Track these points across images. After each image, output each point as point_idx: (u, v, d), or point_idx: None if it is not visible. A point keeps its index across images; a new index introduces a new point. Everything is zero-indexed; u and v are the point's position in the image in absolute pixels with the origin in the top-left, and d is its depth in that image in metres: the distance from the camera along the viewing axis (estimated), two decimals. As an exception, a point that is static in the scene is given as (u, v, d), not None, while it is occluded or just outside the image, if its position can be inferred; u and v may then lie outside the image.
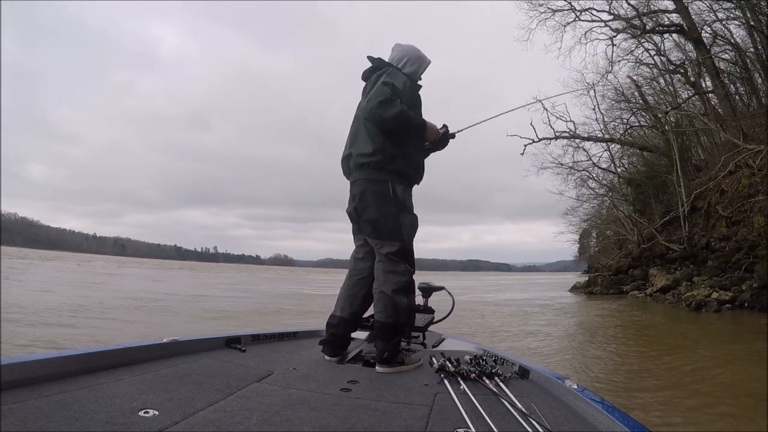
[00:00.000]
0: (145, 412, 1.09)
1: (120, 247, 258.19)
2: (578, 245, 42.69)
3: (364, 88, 2.04)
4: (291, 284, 24.74)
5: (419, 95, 2.02)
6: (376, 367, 1.77)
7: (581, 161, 19.56)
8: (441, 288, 2.50)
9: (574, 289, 19.19)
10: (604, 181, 20.53)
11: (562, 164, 19.43)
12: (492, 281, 38.52)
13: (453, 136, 2.11)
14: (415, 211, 1.98)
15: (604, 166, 20.06)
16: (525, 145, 18.16)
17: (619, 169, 20.22)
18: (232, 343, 1.93)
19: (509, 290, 22.76)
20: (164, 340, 1.67)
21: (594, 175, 20.20)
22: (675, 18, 17.69)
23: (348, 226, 2.08)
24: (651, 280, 14.04)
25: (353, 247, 2.09)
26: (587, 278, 20.44)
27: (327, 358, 1.90)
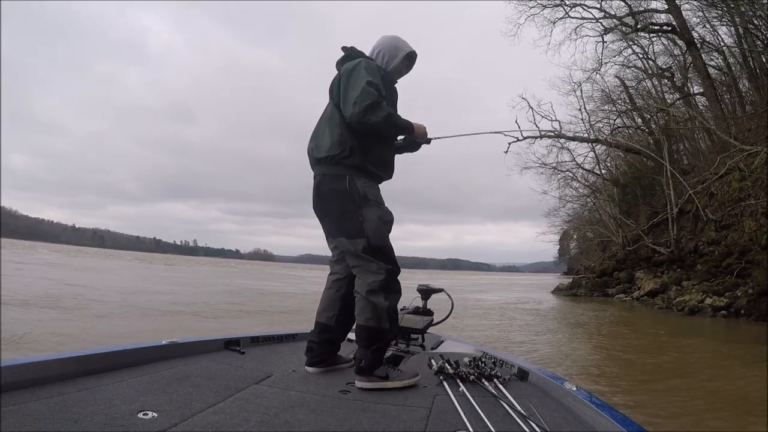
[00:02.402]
0: (144, 414, 1.09)
1: (99, 239, 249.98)
2: (558, 247, 43.03)
3: (334, 78, 1.86)
4: (247, 279, 23.05)
5: (395, 89, 1.90)
6: (355, 381, 1.57)
7: (565, 162, 19.27)
8: (440, 290, 2.37)
9: (557, 291, 18.83)
10: (587, 183, 20.34)
11: (545, 164, 19.14)
12: (472, 281, 38.16)
13: (428, 141, 1.98)
14: (385, 206, 1.78)
15: (589, 166, 19.86)
16: (509, 143, 17.74)
17: (603, 171, 20.00)
18: (231, 345, 1.91)
19: (491, 290, 22.26)
20: (163, 342, 1.65)
21: (578, 176, 19.99)
22: (664, 18, 17.59)
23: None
24: (637, 284, 13.70)
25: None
26: (570, 280, 20.13)
27: (305, 368, 1.74)
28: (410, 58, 1.95)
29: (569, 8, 18.22)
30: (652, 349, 6.22)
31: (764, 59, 15.87)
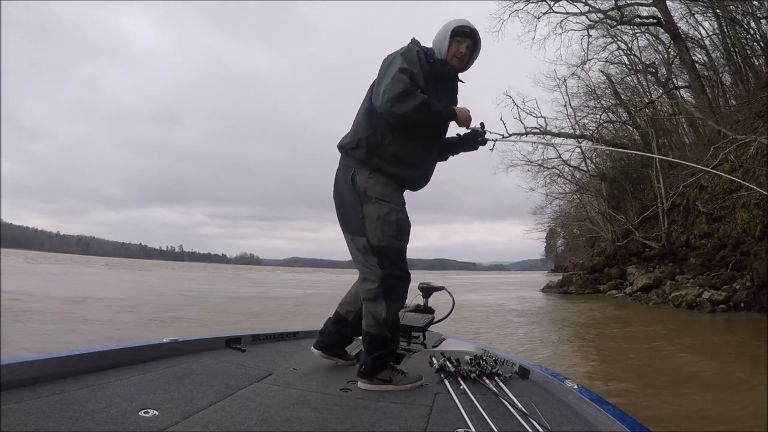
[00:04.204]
0: (145, 412, 1.09)
1: (84, 246, 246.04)
2: (545, 244, 43.13)
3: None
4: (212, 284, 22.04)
5: (455, 80, 1.78)
6: (358, 383, 1.56)
7: (551, 158, 19.01)
8: (441, 288, 2.39)
9: (547, 288, 18.52)
10: (573, 179, 20.12)
11: (531, 162, 18.86)
12: (460, 280, 37.81)
13: (484, 141, 1.87)
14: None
15: (575, 163, 19.64)
16: (494, 141, 17.36)
17: (590, 166, 19.80)
18: (232, 343, 1.91)
19: (480, 290, 21.86)
20: (164, 340, 1.66)
21: (564, 172, 19.75)
22: (648, 11, 17.50)
23: (316, 224, 1.94)
24: (629, 279, 13.45)
25: (320, 246, 1.73)
26: (561, 277, 19.87)
27: (311, 349, 1.79)
28: (458, 34, 1.70)
29: (553, 2, 18.05)
30: (653, 346, 5.88)
31: (748, 51, 15.90)
